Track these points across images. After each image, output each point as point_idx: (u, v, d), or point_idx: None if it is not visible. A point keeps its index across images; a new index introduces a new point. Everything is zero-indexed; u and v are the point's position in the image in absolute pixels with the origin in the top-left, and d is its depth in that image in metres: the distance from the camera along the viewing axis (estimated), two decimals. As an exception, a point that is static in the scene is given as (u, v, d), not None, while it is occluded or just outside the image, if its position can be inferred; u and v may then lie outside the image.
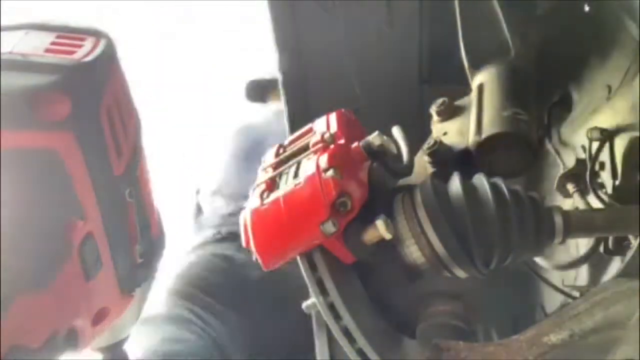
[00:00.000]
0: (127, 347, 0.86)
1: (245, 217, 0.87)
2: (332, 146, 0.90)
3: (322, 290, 0.83)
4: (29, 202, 0.53)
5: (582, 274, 1.33)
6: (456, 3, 1.29)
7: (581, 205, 1.22)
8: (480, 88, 1.18)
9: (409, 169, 1.01)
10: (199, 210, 2.44)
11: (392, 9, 1.60)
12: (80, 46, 0.59)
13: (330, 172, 0.82)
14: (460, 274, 0.89)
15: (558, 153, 1.37)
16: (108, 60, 0.59)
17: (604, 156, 1.15)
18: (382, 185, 0.96)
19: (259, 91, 2.54)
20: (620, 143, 1.12)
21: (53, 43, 0.58)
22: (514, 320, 1.72)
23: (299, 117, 1.63)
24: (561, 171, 1.29)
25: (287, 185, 0.87)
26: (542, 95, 1.34)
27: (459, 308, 0.88)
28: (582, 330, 0.76)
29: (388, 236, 0.82)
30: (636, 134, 1.08)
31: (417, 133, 1.55)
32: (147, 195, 0.67)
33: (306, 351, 1.78)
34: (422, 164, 1.07)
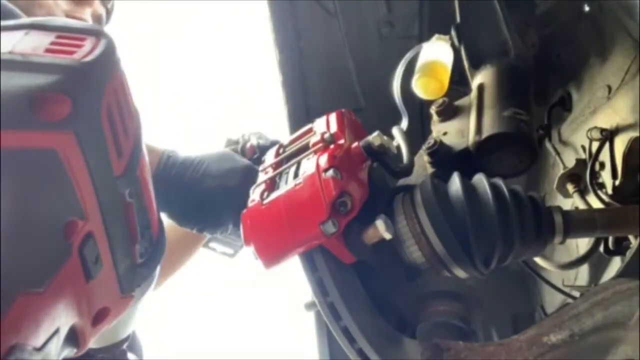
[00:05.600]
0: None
1: (245, 217, 0.87)
2: (332, 146, 0.90)
3: (322, 290, 0.83)
4: (29, 202, 0.53)
5: (582, 274, 1.33)
6: (456, 3, 1.29)
7: (581, 205, 1.22)
8: (480, 88, 1.18)
9: (409, 169, 1.01)
10: None
11: (392, 9, 1.60)
12: (80, 46, 0.58)
13: (330, 172, 0.82)
14: (460, 274, 0.89)
15: (558, 153, 1.37)
16: (108, 60, 0.59)
17: (604, 156, 1.15)
18: (382, 185, 0.96)
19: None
20: (620, 143, 1.12)
21: (53, 43, 0.58)
22: (513, 320, 1.72)
23: (298, 117, 1.63)
24: (561, 171, 1.30)
25: (287, 185, 0.87)
26: (542, 95, 1.34)
27: (459, 308, 0.88)
28: (582, 330, 0.76)
29: (388, 236, 0.82)
30: (636, 134, 1.09)
31: (417, 133, 1.56)
32: (147, 195, 0.67)
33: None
34: (422, 164, 1.07)
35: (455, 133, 1.11)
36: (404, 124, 1.15)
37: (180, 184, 1.19)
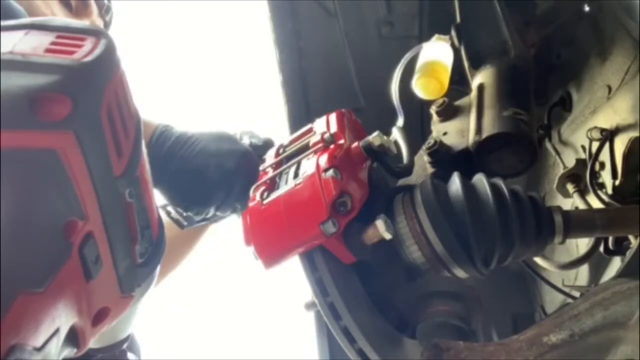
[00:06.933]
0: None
1: (245, 217, 0.87)
2: (332, 146, 0.90)
3: (322, 290, 0.83)
4: (29, 202, 0.53)
5: (582, 274, 1.33)
6: (456, 3, 1.30)
7: (581, 205, 1.22)
8: (480, 88, 1.18)
9: (409, 169, 1.01)
10: None
11: (392, 9, 1.60)
12: (80, 46, 0.58)
13: (330, 172, 0.82)
14: (460, 274, 0.89)
15: (558, 153, 1.37)
16: (108, 60, 0.59)
17: (604, 156, 1.15)
18: (382, 185, 0.96)
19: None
20: (620, 143, 1.12)
21: (53, 43, 0.58)
22: (513, 320, 1.72)
23: (298, 117, 1.63)
24: (561, 171, 1.30)
25: (287, 185, 0.86)
26: (542, 95, 1.34)
27: (459, 308, 0.88)
28: (582, 330, 0.76)
29: (388, 236, 0.82)
30: (636, 134, 1.09)
31: (417, 133, 1.56)
32: (147, 195, 0.67)
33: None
34: (422, 164, 1.07)
35: (455, 133, 1.11)
36: (400, 122, 1.14)
37: (172, 160, 1.16)
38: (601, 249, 1.16)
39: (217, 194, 1.15)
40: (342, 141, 0.92)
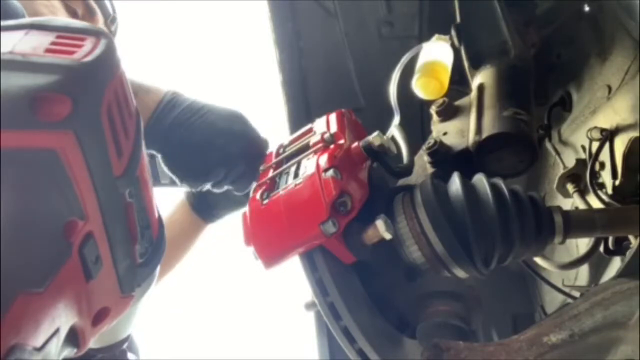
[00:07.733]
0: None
1: (245, 217, 0.87)
2: (332, 146, 0.90)
3: (322, 290, 0.83)
4: (29, 202, 0.53)
5: (582, 274, 1.33)
6: (456, 3, 1.30)
7: (581, 205, 1.22)
8: (480, 88, 1.18)
9: (409, 169, 1.01)
10: None
11: (392, 9, 1.60)
12: (80, 46, 0.58)
13: (330, 172, 0.82)
14: (460, 274, 0.89)
15: (558, 153, 1.37)
16: (108, 60, 0.59)
17: (604, 156, 1.15)
18: (382, 185, 0.96)
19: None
20: (620, 143, 1.12)
21: (53, 43, 0.58)
22: (513, 320, 1.72)
23: (298, 117, 1.63)
24: (561, 171, 1.30)
25: (287, 185, 0.86)
26: (542, 95, 1.34)
27: (459, 308, 0.88)
28: (582, 330, 0.76)
29: (388, 236, 0.82)
30: (636, 134, 1.09)
31: (417, 133, 1.56)
32: (147, 195, 0.67)
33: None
34: (422, 164, 1.07)
35: (455, 133, 1.11)
36: (396, 120, 1.13)
37: (177, 129, 1.11)
38: (601, 249, 1.16)
39: (216, 172, 1.12)
40: (342, 141, 0.92)
